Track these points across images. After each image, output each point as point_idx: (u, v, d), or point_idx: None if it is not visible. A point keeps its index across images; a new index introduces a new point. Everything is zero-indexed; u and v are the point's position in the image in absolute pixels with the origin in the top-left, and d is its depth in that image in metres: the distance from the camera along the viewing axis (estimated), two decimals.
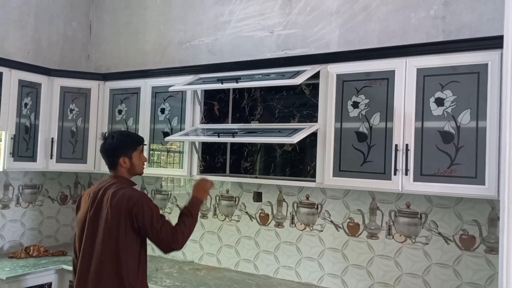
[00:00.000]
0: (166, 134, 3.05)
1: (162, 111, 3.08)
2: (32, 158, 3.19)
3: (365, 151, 2.36)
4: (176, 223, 2.19)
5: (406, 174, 2.23)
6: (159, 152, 3.11)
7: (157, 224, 2.09)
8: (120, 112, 3.31)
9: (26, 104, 3.15)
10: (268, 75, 2.62)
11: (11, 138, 3.04)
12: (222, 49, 3.32)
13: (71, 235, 3.62)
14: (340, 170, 2.43)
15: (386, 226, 2.64)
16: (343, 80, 2.46)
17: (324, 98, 2.50)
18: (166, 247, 2.14)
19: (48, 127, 3.26)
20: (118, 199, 2.12)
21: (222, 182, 3.22)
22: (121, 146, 2.28)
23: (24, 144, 3.14)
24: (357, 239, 2.72)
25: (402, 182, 2.25)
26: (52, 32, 3.73)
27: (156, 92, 3.12)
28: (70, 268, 2.55)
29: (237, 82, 2.57)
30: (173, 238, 2.11)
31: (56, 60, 3.74)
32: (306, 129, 2.44)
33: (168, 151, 3.05)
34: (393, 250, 2.60)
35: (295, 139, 2.34)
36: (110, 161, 2.29)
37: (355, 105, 2.41)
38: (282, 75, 2.55)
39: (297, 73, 2.47)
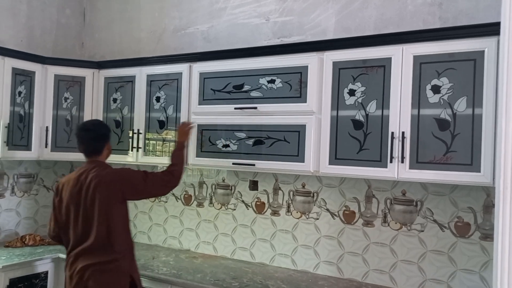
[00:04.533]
0: (161, 122, 3.03)
1: (158, 99, 3.06)
2: (27, 147, 3.17)
3: (361, 139, 2.36)
4: (166, 168, 2.58)
5: (402, 161, 2.23)
6: (154, 142, 3.09)
7: (148, 178, 2.42)
8: (115, 100, 3.29)
9: (20, 93, 3.12)
10: (273, 81, 2.63)
11: (5, 127, 3.01)
12: (217, 37, 3.29)
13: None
14: (336, 158, 2.43)
15: (381, 213, 2.65)
16: (339, 68, 2.44)
17: (319, 86, 2.49)
18: (167, 188, 2.54)
19: (43, 115, 3.24)
20: (105, 178, 2.34)
21: (218, 171, 3.22)
22: (107, 133, 2.55)
23: (18, 132, 3.12)
24: (352, 227, 2.73)
25: (398, 170, 2.25)
26: (45, 20, 3.68)
27: (151, 81, 3.10)
28: None
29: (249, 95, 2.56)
30: (164, 180, 2.49)
31: (50, 48, 3.69)
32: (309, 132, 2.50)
33: (163, 140, 3.04)
34: (389, 237, 2.62)
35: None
36: (96, 147, 2.48)
37: (352, 92, 2.40)
38: (289, 85, 2.57)
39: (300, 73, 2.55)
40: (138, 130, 3.11)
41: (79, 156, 3.27)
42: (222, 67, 2.81)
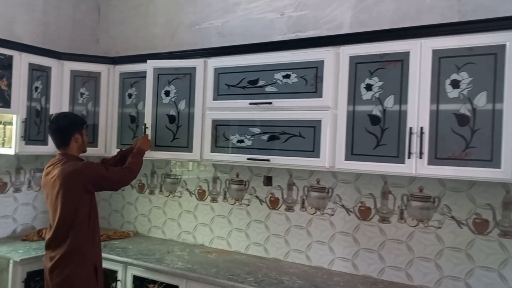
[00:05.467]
0: (171, 117, 3.01)
1: (167, 93, 3.03)
2: (43, 141, 3.19)
3: (378, 135, 2.33)
4: (126, 164, 2.70)
5: (421, 157, 2.20)
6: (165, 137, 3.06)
7: (105, 173, 2.51)
8: (130, 96, 3.30)
9: (36, 88, 3.14)
10: (288, 76, 2.61)
11: (22, 122, 3.05)
12: (232, 32, 3.28)
13: None
14: (352, 153, 2.40)
15: (398, 210, 2.62)
16: (356, 62, 2.42)
17: (335, 80, 2.47)
18: (118, 184, 2.62)
19: (59, 110, 3.24)
20: (65, 172, 2.41)
21: (232, 166, 3.22)
22: (74, 123, 2.58)
23: (35, 127, 3.15)
24: (368, 223, 2.71)
25: (416, 166, 2.22)
26: (61, 15, 3.71)
27: (159, 74, 3.05)
28: None
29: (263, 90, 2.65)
30: (123, 175, 2.60)
31: (65, 43, 3.72)
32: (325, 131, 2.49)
33: (174, 136, 3.00)
34: (405, 234, 2.59)
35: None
36: (63, 138, 2.54)
37: (368, 87, 2.38)
38: (305, 80, 2.55)
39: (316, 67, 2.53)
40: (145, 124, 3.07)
41: (95, 151, 3.32)
42: (237, 62, 2.80)
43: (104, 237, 3.34)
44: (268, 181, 3.08)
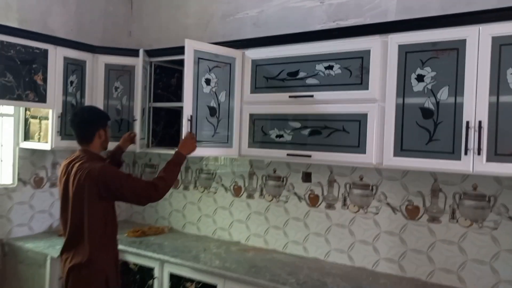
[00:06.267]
0: (212, 109, 2.87)
1: (208, 82, 2.84)
2: None
3: (431, 129, 2.17)
4: (153, 179, 2.35)
5: (479, 153, 2.02)
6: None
7: (125, 182, 2.23)
8: None
9: (71, 82, 3.11)
10: (331, 67, 2.45)
11: (58, 117, 3.02)
12: (267, 21, 3.15)
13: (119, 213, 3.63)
14: (402, 149, 2.25)
15: (449, 209, 2.46)
16: (406, 51, 2.25)
17: (382, 71, 2.31)
18: (144, 199, 2.29)
19: (94, 105, 3.21)
20: (82, 172, 2.23)
21: (269, 162, 3.11)
22: (99, 117, 2.44)
23: None
24: (416, 223, 2.55)
25: (474, 163, 2.05)
26: (94, 8, 3.66)
27: (199, 58, 2.88)
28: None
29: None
30: (148, 191, 2.26)
31: (98, 36, 3.68)
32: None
33: (215, 130, 2.90)
34: (457, 234, 2.43)
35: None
36: (86, 132, 2.38)
37: (420, 78, 2.21)
38: (349, 71, 2.40)
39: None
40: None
41: (130, 147, 3.25)
42: (275, 54, 2.67)
43: (140, 233, 3.30)
44: (307, 177, 2.96)
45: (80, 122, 2.39)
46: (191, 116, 2.58)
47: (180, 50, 3.18)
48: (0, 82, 2.74)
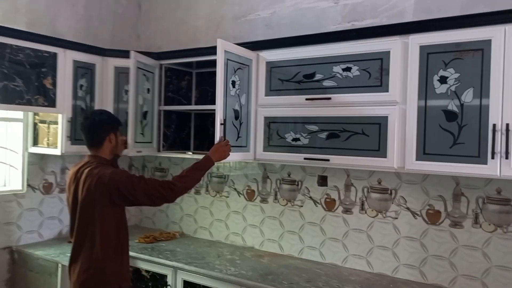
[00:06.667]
0: (236, 112, 2.75)
1: (233, 84, 2.71)
2: None
3: (455, 132, 2.11)
4: (173, 178, 2.28)
5: (507, 157, 1.96)
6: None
7: (137, 184, 2.16)
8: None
9: (81, 86, 3.05)
10: (349, 69, 2.38)
11: (68, 121, 2.97)
12: (280, 23, 3.09)
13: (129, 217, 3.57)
14: (424, 153, 2.19)
15: (472, 214, 2.39)
16: (427, 52, 2.19)
17: (403, 73, 2.25)
18: (158, 200, 2.21)
19: (104, 109, 3.15)
20: (92, 179, 2.16)
21: (283, 165, 3.05)
22: (110, 121, 2.35)
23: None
24: (437, 228, 2.49)
25: (501, 167, 1.98)
26: (102, 10, 3.61)
27: (228, 59, 2.83)
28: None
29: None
30: (162, 192, 2.18)
31: (107, 39, 3.62)
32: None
33: (238, 133, 2.79)
34: (481, 240, 2.36)
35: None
36: (96, 137, 2.30)
37: (443, 80, 2.15)
38: (368, 73, 2.33)
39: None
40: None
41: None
42: (291, 55, 2.61)
43: (151, 239, 3.24)
44: (323, 181, 2.90)
45: (90, 125, 2.31)
46: (224, 120, 2.45)
47: (191, 52, 3.15)
48: (9, 87, 2.69)
